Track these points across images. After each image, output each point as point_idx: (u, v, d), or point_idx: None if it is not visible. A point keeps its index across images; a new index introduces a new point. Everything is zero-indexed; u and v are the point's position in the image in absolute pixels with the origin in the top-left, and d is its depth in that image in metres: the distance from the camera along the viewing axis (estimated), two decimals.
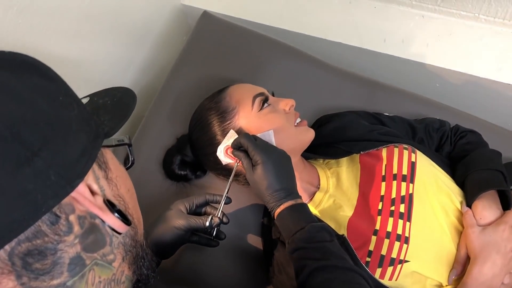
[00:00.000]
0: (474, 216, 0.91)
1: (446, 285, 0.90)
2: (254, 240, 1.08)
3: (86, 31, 1.08)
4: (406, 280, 0.89)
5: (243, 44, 1.26)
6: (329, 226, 0.84)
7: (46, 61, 0.92)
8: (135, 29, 1.29)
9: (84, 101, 0.59)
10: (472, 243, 0.88)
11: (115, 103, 0.59)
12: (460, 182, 1.01)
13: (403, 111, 1.19)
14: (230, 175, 0.99)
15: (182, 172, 1.08)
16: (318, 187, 1.00)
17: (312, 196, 0.99)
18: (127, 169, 0.59)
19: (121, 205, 0.50)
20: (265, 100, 0.96)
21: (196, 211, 0.94)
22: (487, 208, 0.91)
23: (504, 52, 1.29)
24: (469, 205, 0.94)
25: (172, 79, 1.23)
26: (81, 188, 0.44)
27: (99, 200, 0.46)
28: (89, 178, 0.46)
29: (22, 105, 0.40)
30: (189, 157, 1.06)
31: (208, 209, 0.95)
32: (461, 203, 0.95)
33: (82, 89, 1.14)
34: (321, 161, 1.07)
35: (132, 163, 0.61)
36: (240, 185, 1.03)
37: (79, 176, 0.43)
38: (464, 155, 1.06)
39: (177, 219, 0.88)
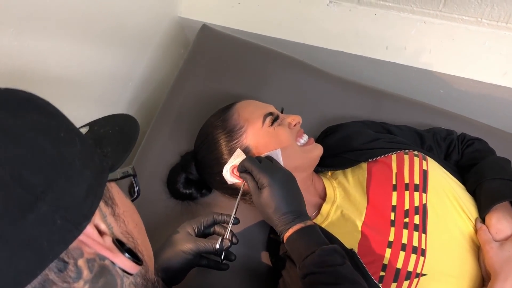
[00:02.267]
0: (489, 230, 0.89)
1: None
2: (262, 258, 1.05)
3: (84, 48, 1.06)
4: None
5: (245, 57, 1.24)
6: (340, 246, 0.81)
7: (44, 81, 0.90)
8: (133, 43, 1.27)
9: (84, 130, 0.57)
10: (491, 259, 0.85)
11: (117, 132, 0.56)
12: (471, 191, 0.98)
13: (409, 119, 1.17)
14: (236, 194, 0.97)
15: (187, 191, 1.05)
16: (324, 199, 0.98)
17: (319, 208, 0.97)
18: (132, 200, 0.56)
19: (131, 243, 0.48)
20: (276, 119, 0.94)
21: (204, 232, 0.91)
22: (502, 221, 0.89)
23: (509, 56, 1.27)
24: (482, 217, 0.92)
25: (173, 94, 1.21)
26: (89, 229, 0.41)
27: (108, 240, 0.43)
28: (96, 217, 0.43)
29: (21, 146, 0.38)
30: (194, 175, 1.04)
31: (217, 229, 0.92)
32: (475, 219, 0.93)
33: (82, 107, 1.12)
34: (327, 172, 1.05)
35: (138, 195, 0.59)
36: (247, 204, 1.01)
37: (86, 218, 0.41)
38: (473, 163, 1.04)
39: (185, 243, 0.86)
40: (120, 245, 0.45)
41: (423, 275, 0.85)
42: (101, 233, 0.43)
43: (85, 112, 1.14)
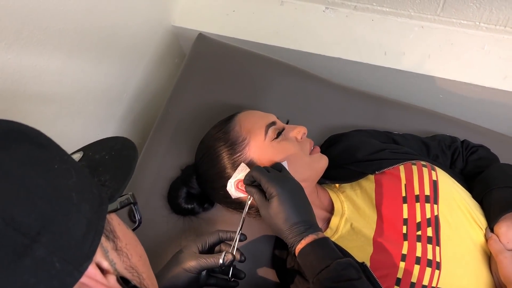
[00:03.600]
0: (500, 239, 0.87)
1: None
2: (268, 273, 1.02)
3: (78, 62, 1.03)
4: None
5: (243, 66, 1.21)
6: (354, 260, 0.79)
7: (38, 97, 0.86)
8: (127, 55, 1.23)
9: (77, 156, 0.52)
10: (506, 269, 0.83)
11: (114, 157, 0.52)
12: (478, 200, 0.96)
13: (411, 125, 1.15)
14: (240, 208, 0.95)
15: (189, 206, 1.02)
16: (332, 212, 0.95)
17: (327, 222, 0.94)
18: (134, 230, 0.53)
19: (136, 278, 0.45)
20: (280, 131, 0.91)
21: (210, 251, 0.88)
22: None
23: (508, 59, 1.26)
24: (491, 226, 0.90)
25: (171, 106, 1.17)
26: (91, 270, 0.38)
27: (112, 280, 0.40)
28: (98, 255, 0.40)
29: (12, 183, 0.34)
30: (196, 189, 1.00)
31: (223, 247, 0.89)
32: (485, 228, 0.91)
33: (76, 122, 1.09)
34: (332, 184, 1.02)
35: (140, 223, 0.56)
36: (251, 218, 0.98)
37: (88, 257, 0.38)
38: (478, 171, 1.02)
39: (188, 261, 0.82)
40: (125, 283, 0.41)
41: None
42: (103, 271, 0.40)
43: (79, 126, 1.11)
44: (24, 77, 0.88)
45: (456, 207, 0.91)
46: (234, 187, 0.89)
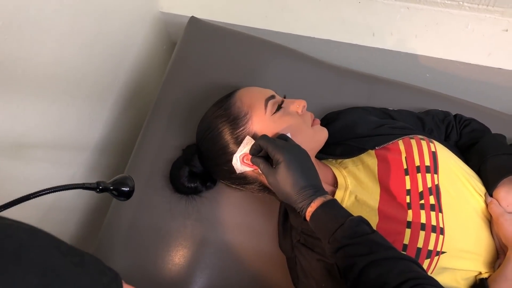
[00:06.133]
0: (500, 203, 0.91)
1: (486, 272, 0.89)
2: (273, 249, 1.03)
3: (68, 51, 1.01)
4: (440, 272, 0.87)
5: (237, 48, 1.21)
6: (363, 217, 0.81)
7: (33, 81, 0.83)
8: (116, 42, 1.22)
9: None
10: (507, 231, 0.87)
11: None
12: (475, 169, 1.00)
13: (404, 103, 1.18)
14: (244, 184, 0.96)
15: (192, 185, 1.02)
16: (335, 186, 0.97)
17: (332, 195, 0.96)
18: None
19: None
20: (280, 104, 0.92)
21: None
22: (511, 194, 0.91)
23: (491, 37, 1.31)
24: (490, 192, 0.94)
25: (166, 89, 1.17)
26: None
27: None
28: None
29: None
30: (198, 168, 1.01)
31: None
32: (484, 194, 0.94)
33: (71, 106, 1.07)
34: (333, 160, 1.04)
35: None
36: (255, 193, 0.99)
37: None
38: (472, 142, 1.06)
39: None
40: None
41: (443, 252, 0.86)
42: None
43: (75, 109, 1.09)
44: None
45: (455, 176, 0.94)
46: (239, 161, 0.90)
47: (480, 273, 0.89)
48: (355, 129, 1.04)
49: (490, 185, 0.94)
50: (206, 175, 1.02)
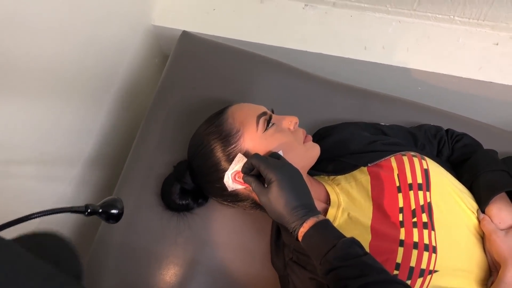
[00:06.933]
0: (492, 220, 0.91)
1: None
2: (265, 266, 1.02)
3: (62, 56, 1.00)
4: None
5: (229, 62, 1.21)
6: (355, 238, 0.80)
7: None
8: (109, 55, 1.21)
9: None
10: (500, 248, 0.86)
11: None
12: (467, 185, 1.00)
13: (396, 117, 1.18)
14: (236, 201, 0.95)
15: (184, 202, 1.01)
16: (328, 203, 0.97)
17: (325, 212, 0.96)
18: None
19: None
20: (269, 119, 0.92)
21: None
22: (503, 210, 0.91)
23: (482, 51, 1.32)
24: (482, 209, 0.94)
25: (157, 104, 1.16)
26: None
27: None
28: None
29: None
30: (189, 184, 1.00)
31: None
32: (476, 210, 0.94)
33: (62, 119, 1.05)
34: (326, 177, 1.04)
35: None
36: (247, 211, 0.98)
37: None
38: (464, 158, 1.06)
39: None
40: None
41: (436, 271, 0.85)
42: None
43: (65, 122, 1.08)
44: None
45: (447, 193, 0.94)
46: (231, 179, 0.89)
47: None
48: (348, 145, 1.04)
49: (482, 202, 0.94)
50: (197, 192, 1.02)
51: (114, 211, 0.72)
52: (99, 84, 1.20)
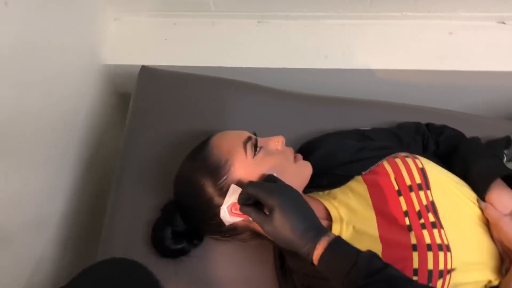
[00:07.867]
0: (495, 207, 0.90)
1: (495, 279, 0.87)
2: None
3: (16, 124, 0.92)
4: None
5: (196, 91, 1.16)
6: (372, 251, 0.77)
7: None
8: (65, 111, 1.13)
9: None
10: (509, 234, 0.86)
11: None
12: (461, 177, 0.99)
13: (372, 119, 1.17)
14: (234, 234, 0.90)
15: (179, 246, 0.94)
16: (329, 219, 0.93)
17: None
18: None
19: None
20: (256, 143, 0.88)
21: None
22: (503, 196, 0.91)
23: (439, 42, 1.34)
24: (482, 197, 0.93)
25: (129, 147, 1.09)
26: None
27: None
28: None
29: None
30: (181, 226, 0.93)
31: None
32: (477, 200, 0.94)
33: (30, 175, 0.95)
34: (320, 192, 1.00)
35: None
36: (247, 242, 0.93)
37: None
38: (451, 150, 1.06)
39: None
40: None
41: (453, 269, 0.84)
42: None
43: (31, 183, 0.99)
44: None
45: (447, 188, 0.93)
46: (228, 213, 0.84)
47: (490, 281, 0.88)
48: (337, 157, 1.01)
49: (480, 191, 0.94)
50: (191, 232, 0.95)
51: None
52: (60, 138, 1.12)
